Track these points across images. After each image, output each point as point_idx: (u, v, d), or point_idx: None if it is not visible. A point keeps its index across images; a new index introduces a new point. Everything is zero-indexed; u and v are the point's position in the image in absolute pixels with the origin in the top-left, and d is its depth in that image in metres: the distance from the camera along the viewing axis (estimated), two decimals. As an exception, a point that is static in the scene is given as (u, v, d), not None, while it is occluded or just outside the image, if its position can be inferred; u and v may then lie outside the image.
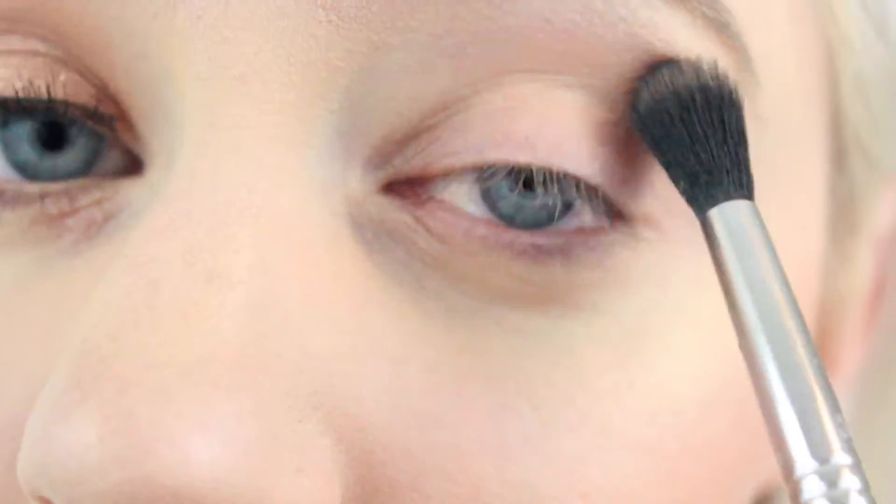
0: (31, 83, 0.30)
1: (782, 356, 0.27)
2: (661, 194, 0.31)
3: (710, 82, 0.30)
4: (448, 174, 0.30)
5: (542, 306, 0.30)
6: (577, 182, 0.30)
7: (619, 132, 0.30)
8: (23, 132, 0.31)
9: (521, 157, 0.29)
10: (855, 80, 0.35)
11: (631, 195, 0.30)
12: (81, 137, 0.31)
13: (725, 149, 0.30)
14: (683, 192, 0.30)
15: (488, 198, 0.30)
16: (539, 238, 0.30)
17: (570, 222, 0.30)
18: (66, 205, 0.31)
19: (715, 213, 0.29)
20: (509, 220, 0.30)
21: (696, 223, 0.30)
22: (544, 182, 0.29)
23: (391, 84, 0.29)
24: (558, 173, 0.29)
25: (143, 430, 0.25)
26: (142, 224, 0.28)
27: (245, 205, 0.28)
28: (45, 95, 0.30)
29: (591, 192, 0.30)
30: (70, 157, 0.31)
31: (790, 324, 0.28)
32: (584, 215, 0.30)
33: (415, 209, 0.30)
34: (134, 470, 0.25)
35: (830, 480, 0.26)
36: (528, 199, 0.30)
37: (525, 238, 0.30)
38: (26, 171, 0.31)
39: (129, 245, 0.28)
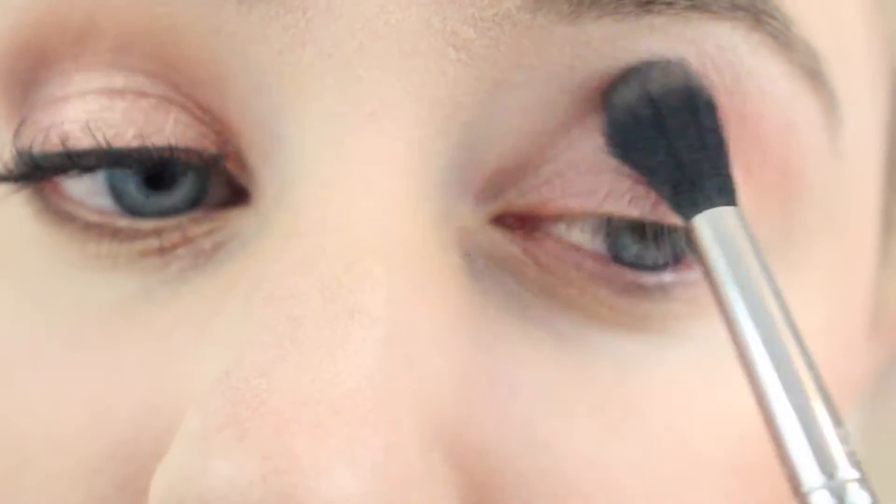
0: (142, 133, 0.30)
1: (781, 367, 0.28)
2: None
3: (682, 84, 0.30)
4: (563, 214, 0.31)
5: (640, 335, 0.31)
6: (687, 232, 0.30)
7: None
8: (128, 176, 0.31)
9: (634, 213, 0.30)
10: None
11: None
12: (187, 176, 0.31)
13: (705, 154, 0.30)
14: (666, 200, 0.30)
15: (612, 247, 0.31)
16: (643, 277, 0.31)
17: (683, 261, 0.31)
18: (178, 237, 0.31)
19: (700, 220, 0.30)
20: (629, 264, 0.31)
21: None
22: (654, 235, 0.31)
23: (510, 119, 0.30)
24: (668, 226, 0.31)
25: (305, 467, 0.26)
26: (272, 257, 0.29)
27: (377, 240, 0.29)
28: (160, 144, 0.30)
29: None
30: (177, 195, 0.31)
31: (785, 333, 0.28)
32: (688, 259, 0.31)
33: (524, 241, 0.31)
34: None
35: (838, 495, 0.27)
36: (652, 250, 0.31)
37: (630, 276, 0.31)
38: (133, 210, 0.31)
39: (263, 279, 0.29)
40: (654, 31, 0.30)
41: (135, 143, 0.30)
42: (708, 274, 0.30)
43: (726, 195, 0.30)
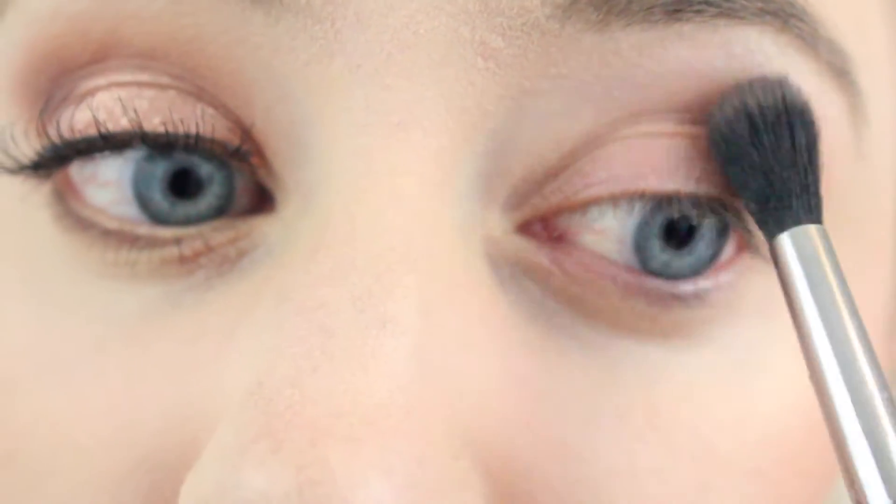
0: (170, 119, 0.30)
1: (854, 390, 0.28)
2: None
3: (782, 102, 0.30)
4: (587, 205, 0.31)
5: (662, 339, 0.31)
6: (724, 204, 0.31)
7: None
8: (153, 175, 0.31)
9: (669, 186, 0.30)
10: None
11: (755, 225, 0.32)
12: (213, 184, 0.31)
13: (795, 172, 0.30)
14: (752, 215, 0.31)
15: (640, 253, 0.31)
16: (679, 287, 0.31)
17: (712, 266, 0.31)
18: (200, 245, 0.31)
19: (785, 238, 0.30)
20: (657, 274, 0.31)
21: None
22: (695, 207, 0.30)
23: (535, 127, 0.30)
24: (705, 197, 0.30)
25: (339, 478, 0.26)
26: (300, 267, 0.29)
27: (406, 250, 0.29)
28: (191, 130, 0.30)
29: (736, 213, 0.31)
30: (202, 204, 0.31)
31: (861, 355, 0.28)
32: (728, 247, 0.31)
33: (551, 251, 0.31)
34: None
35: None
36: (678, 258, 0.31)
37: (665, 287, 0.31)
38: (158, 217, 0.31)
39: (292, 289, 0.29)
40: (683, 39, 0.30)
41: (161, 129, 0.30)
42: (787, 292, 0.29)
43: (813, 213, 0.30)
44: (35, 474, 0.31)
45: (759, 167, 0.30)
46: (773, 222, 0.30)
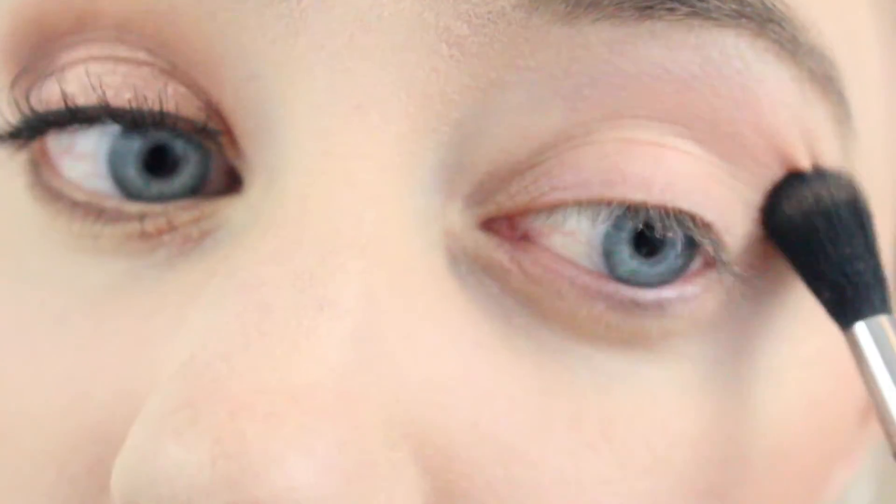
0: (140, 95, 0.30)
1: None
2: (749, 241, 0.31)
3: (852, 196, 0.31)
4: (553, 208, 0.30)
5: (625, 349, 0.31)
6: (693, 218, 0.30)
7: (723, 185, 0.30)
8: (129, 151, 0.31)
9: (637, 196, 0.29)
10: None
11: (732, 242, 0.31)
12: (189, 164, 0.31)
13: (868, 262, 0.31)
14: (826, 304, 0.31)
15: (608, 259, 0.30)
16: (640, 294, 0.30)
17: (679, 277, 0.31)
18: (163, 223, 0.31)
19: (860, 328, 0.30)
20: (624, 281, 0.30)
21: (781, 276, 0.31)
22: (661, 220, 0.30)
23: (503, 121, 0.30)
24: (674, 210, 0.30)
25: (255, 453, 0.26)
26: (250, 245, 0.29)
27: (355, 234, 0.28)
28: (156, 107, 0.30)
29: (706, 229, 0.30)
30: (176, 183, 0.31)
31: None
32: (696, 260, 0.31)
33: (512, 249, 0.30)
34: (243, 493, 0.25)
35: None
36: (647, 266, 0.30)
37: (627, 292, 0.30)
38: (131, 193, 0.31)
39: (238, 267, 0.28)
40: (656, 37, 0.29)
41: (132, 105, 0.30)
42: (869, 379, 0.30)
43: (885, 303, 0.31)
44: None
45: (836, 262, 0.31)
46: (850, 313, 0.31)
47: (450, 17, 0.29)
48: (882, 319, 0.30)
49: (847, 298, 0.31)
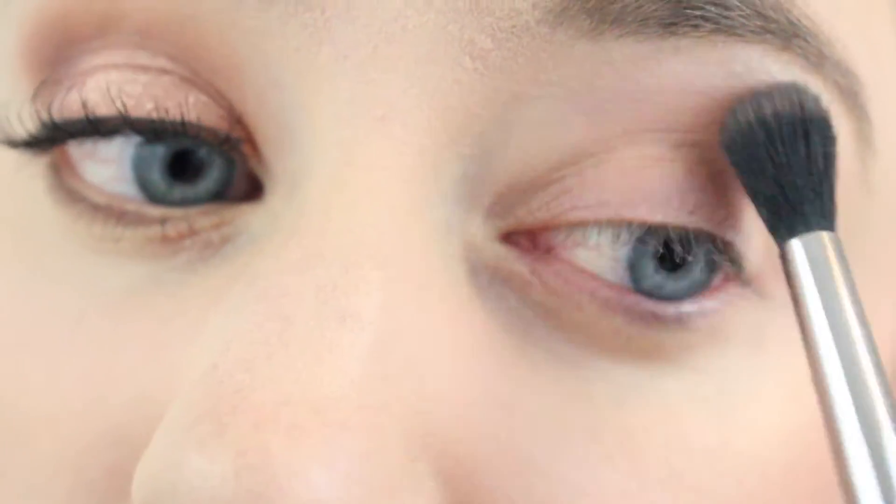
0: (161, 106, 0.30)
1: (858, 401, 0.27)
2: (768, 254, 0.31)
3: (798, 109, 0.30)
4: (573, 227, 0.30)
5: (643, 362, 0.31)
6: (713, 239, 0.30)
7: (744, 202, 0.30)
8: (154, 155, 0.31)
9: (657, 217, 0.30)
10: None
11: (751, 255, 0.31)
12: (213, 169, 0.31)
13: (808, 178, 0.29)
14: (765, 221, 0.30)
15: (633, 272, 0.30)
16: (660, 308, 0.30)
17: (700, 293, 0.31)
18: (184, 228, 0.31)
19: (795, 244, 0.29)
20: (648, 294, 0.30)
21: None
22: (681, 240, 0.30)
23: (524, 135, 0.30)
24: (695, 231, 0.30)
25: (278, 466, 0.26)
26: (272, 254, 0.29)
27: (377, 246, 0.28)
28: (177, 118, 0.30)
29: (727, 247, 0.30)
30: (201, 188, 0.31)
31: (868, 366, 0.28)
32: (717, 274, 0.31)
33: (533, 261, 0.30)
34: None
35: None
36: (672, 281, 0.30)
37: (646, 305, 0.30)
38: (153, 194, 0.31)
39: (260, 275, 0.28)
40: (679, 53, 0.29)
41: (153, 115, 0.30)
42: (795, 299, 0.29)
43: (826, 220, 0.29)
44: (2, 441, 0.31)
45: (772, 174, 0.29)
46: (785, 228, 0.29)
47: (474, 31, 0.29)
48: (823, 236, 0.29)
49: (781, 213, 0.29)
